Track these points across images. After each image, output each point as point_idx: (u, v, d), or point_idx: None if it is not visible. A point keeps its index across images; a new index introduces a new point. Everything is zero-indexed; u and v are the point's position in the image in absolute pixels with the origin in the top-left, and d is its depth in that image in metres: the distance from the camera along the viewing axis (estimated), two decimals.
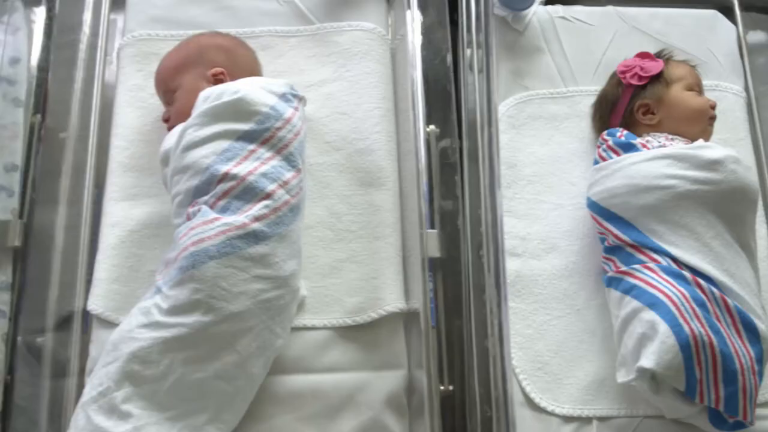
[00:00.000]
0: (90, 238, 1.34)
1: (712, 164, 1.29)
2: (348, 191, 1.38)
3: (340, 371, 1.27)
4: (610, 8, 1.64)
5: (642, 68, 1.43)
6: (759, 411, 1.31)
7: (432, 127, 1.47)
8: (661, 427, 1.30)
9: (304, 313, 1.30)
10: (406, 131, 1.43)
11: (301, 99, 1.33)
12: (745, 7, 1.62)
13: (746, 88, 1.59)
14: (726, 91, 1.57)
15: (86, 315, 1.30)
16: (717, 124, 1.52)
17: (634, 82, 1.43)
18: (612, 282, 1.31)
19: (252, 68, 1.40)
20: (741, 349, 1.22)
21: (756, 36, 1.60)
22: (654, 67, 1.43)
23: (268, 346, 1.18)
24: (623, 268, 1.30)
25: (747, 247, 1.30)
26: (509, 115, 1.53)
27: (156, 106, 1.41)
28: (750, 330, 1.24)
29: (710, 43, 1.62)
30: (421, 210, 1.20)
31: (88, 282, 1.32)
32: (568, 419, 1.31)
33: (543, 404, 1.32)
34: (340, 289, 1.32)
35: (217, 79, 1.34)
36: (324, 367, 1.27)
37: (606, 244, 1.36)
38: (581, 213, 1.43)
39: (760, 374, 1.23)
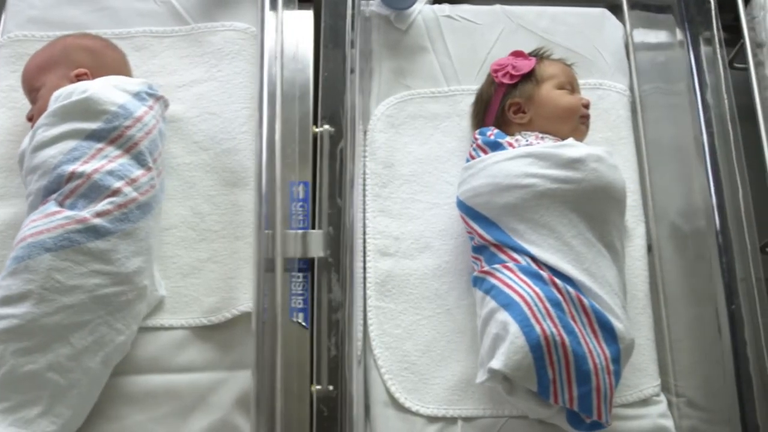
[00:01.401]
0: None
1: (573, 163, 1.28)
2: (213, 191, 1.38)
3: (196, 371, 1.27)
4: (497, 7, 1.63)
5: (514, 67, 1.42)
6: (623, 411, 1.32)
7: (327, 126, 1.47)
8: (525, 427, 1.30)
9: (163, 313, 1.30)
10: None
11: (159, 98, 1.34)
12: (632, 5, 1.61)
13: (631, 87, 1.58)
14: (610, 90, 1.55)
15: None
16: (599, 123, 1.52)
17: (506, 80, 1.42)
18: (476, 282, 1.31)
19: (120, 70, 1.40)
20: (596, 349, 1.21)
21: (642, 34, 1.58)
22: (525, 65, 1.42)
23: (107, 341, 1.18)
24: (486, 267, 1.30)
25: (611, 246, 1.29)
26: (388, 114, 1.52)
27: (28, 107, 1.41)
28: (606, 330, 1.22)
29: (597, 41, 1.61)
30: (260, 211, 1.19)
31: None
32: (432, 419, 1.31)
33: (408, 404, 1.32)
34: (199, 289, 1.32)
35: (80, 80, 1.34)
36: (179, 366, 1.27)
37: (473, 243, 1.36)
38: (456, 212, 1.42)
39: (617, 374, 1.22)
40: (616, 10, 1.65)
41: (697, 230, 1.40)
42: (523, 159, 1.31)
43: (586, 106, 1.42)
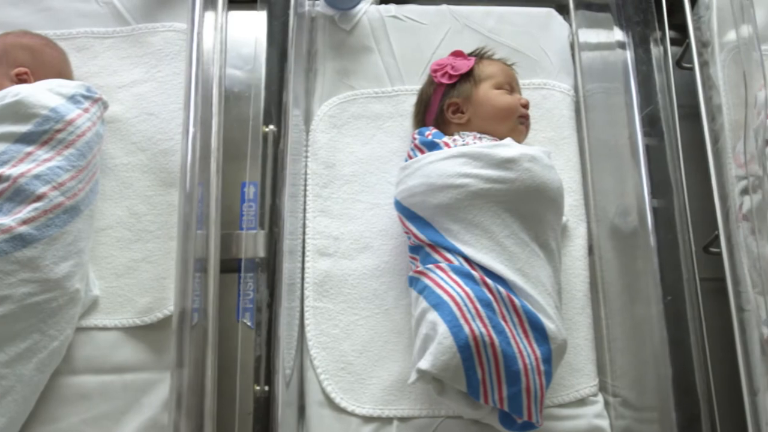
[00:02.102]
0: None
1: (506, 163, 1.28)
2: (150, 191, 1.39)
3: (129, 372, 1.28)
4: (443, 7, 1.63)
5: (453, 67, 1.42)
6: (560, 411, 1.32)
7: (272, 126, 1.48)
8: (460, 427, 1.30)
9: (97, 314, 1.31)
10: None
11: (96, 100, 1.35)
12: (578, 5, 1.60)
13: (576, 87, 1.57)
14: (554, 90, 1.55)
15: None
16: (543, 123, 1.52)
17: (445, 80, 1.42)
18: (411, 282, 1.31)
19: (60, 69, 1.41)
20: (526, 349, 1.21)
21: (588, 34, 1.57)
22: (464, 65, 1.42)
23: (41, 348, 1.19)
24: (420, 267, 1.30)
25: (546, 246, 1.29)
26: (331, 114, 1.52)
27: None
28: (537, 330, 1.22)
29: (543, 41, 1.60)
30: (182, 211, 1.19)
31: None
32: (368, 419, 1.31)
33: (343, 404, 1.32)
34: (133, 289, 1.33)
35: (20, 79, 1.36)
36: (113, 367, 1.28)
37: (410, 243, 1.36)
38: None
39: (548, 374, 1.22)
40: (564, 10, 1.64)
41: (634, 230, 1.40)
42: (457, 159, 1.30)
43: (525, 106, 1.42)
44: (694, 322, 1.40)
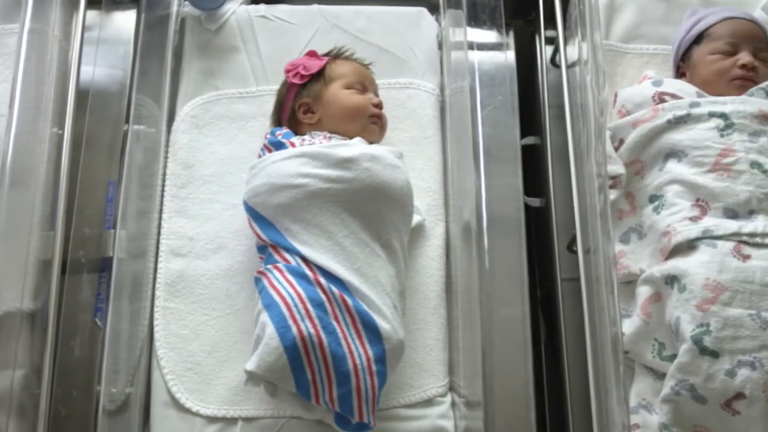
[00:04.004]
0: None
1: (344, 162, 1.28)
2: None
3: None
4: (314, 7, 1.63)
5: (304, 67, 1.42)
6: (405, 411, 1.32)
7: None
8: (304, 427, 1.30)
9: None
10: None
11: None
12: (448, 4, 1.60)
13: (441, 87, 1.57)
14: (419, 89, 1.55)
15: None
16: (407, 122, 1.52)
17: (296, 81, 1.42)
18: (255, 282, 1.31)
19: None
20: (357, 350, 1.20)
21: (456, 33, 1.56)
22: (315, 65, 1.42)
23: None
24: (261, 268, 1.30)
25: (388, 246, 1.29)
26: (193, 115, 1.52)
27: None
28: (370, 330, 1.22)
29: (412, 40, 1.60)
30: (34, 210, 1.20)
31: None
32: (212, 420, 1.31)
33: (188, 405, 1.32)
34: None
35: None
36: None
37: (256, 244, 1.36)
38: None
39: (381, 375, 1.22)
40: (437, 9, 1.64)
41: (492, 230, 1.39)
42: (298, 159, 1.30)
43: (377, 105, 1.41)
44: (553, 323, 1.40)
